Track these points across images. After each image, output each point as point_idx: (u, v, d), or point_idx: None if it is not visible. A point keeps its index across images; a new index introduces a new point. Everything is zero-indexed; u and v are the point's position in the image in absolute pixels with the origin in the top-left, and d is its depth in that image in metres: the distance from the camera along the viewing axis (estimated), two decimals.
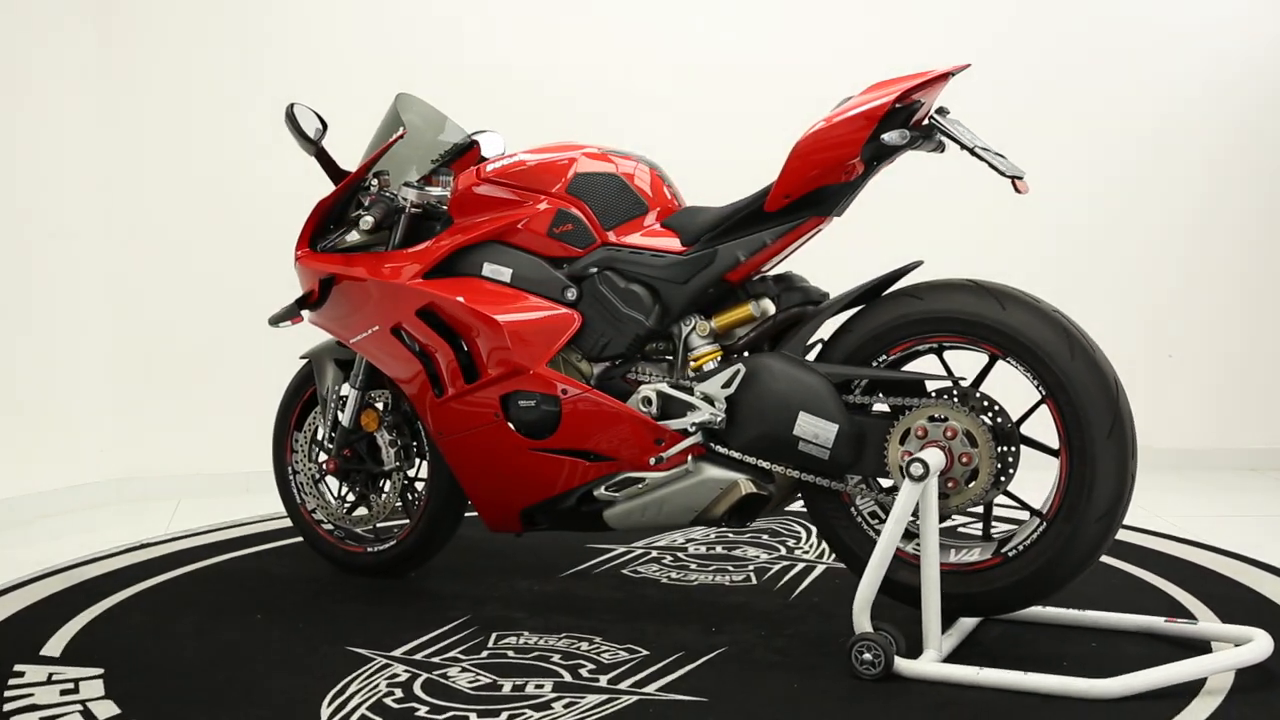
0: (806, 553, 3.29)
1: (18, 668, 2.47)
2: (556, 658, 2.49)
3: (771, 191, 2.52)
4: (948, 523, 3.20)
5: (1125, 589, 2.88)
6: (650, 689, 2.30)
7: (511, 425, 2.73)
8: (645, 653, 2.50)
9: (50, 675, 2.42)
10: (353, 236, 2.95)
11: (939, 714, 2.15)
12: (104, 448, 4.36)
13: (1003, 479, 2.41)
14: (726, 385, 2.54)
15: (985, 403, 2.43)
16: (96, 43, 4.28)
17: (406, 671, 2.42)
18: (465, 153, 3.08)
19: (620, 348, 2.69)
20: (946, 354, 2.53)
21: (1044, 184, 2.71)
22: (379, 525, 3.17)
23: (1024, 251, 4.40)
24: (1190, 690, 2.20)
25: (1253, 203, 4.50)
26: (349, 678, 2.38)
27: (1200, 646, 2.44)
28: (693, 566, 3.18)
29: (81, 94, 4.26)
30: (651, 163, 2.81)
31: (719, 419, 2.55)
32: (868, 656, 2.31)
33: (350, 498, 3.15)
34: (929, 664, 2.31)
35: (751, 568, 3.15)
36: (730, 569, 3.14)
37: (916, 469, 2.31)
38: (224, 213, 4.40)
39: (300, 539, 3.36)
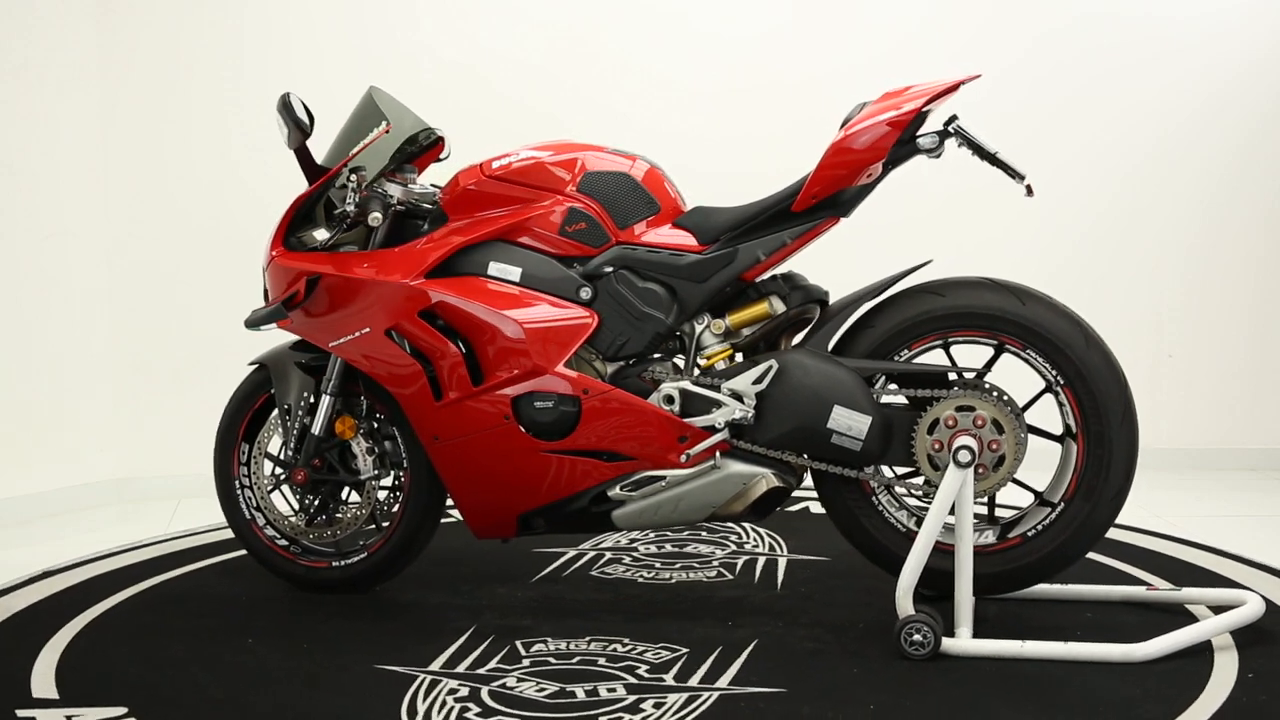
0: (758, 547, 3.36)
1: (21, 713, 2.21)
2: (602, 661, 2.45)
3: (802, 192, 2.58)
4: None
5: (1099, 571, 3.03)
6: (721, 683, 2.31)
7: (523, 427, 2.67)
8: (685, 650, 2.50)
9: (69, 718, 2.18)
10: (337, 235, 2.80)
11: (1007, 685, 2.27)
12: (104, 448, 4.31)
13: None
14: (758, 381, 2.58)
15: (996, 393, 2.58)
16: (95, 43, 4.20)
17: (463, 685, 2.32)
18: (431, 149, 2.98)
19: (638, 346, 2.68)
20: (944, 349, 2.68)
21: (1045, 186, 2.81)
22: (342, 538, 3.00)
23: (1023, 253, 4.42)
24: (1206, 649, 2.42)
25: (1254, 210, 4.55)
26: (408, 695, 2.27)
27: (1185, 610, 2.68)
28: (658, 565, 3.19)
29: (80, 94, 4.20)
30: (653, 162, 2.81)
31: (749, 415, 2.59)
32: (918, 638, 2.41)
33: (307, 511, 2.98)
34: (973, 641, 2.44)
35: (718, 563, 3.20)
36: (697, 565, 3.18)
37: (964, 456, 2.43)
38: (224, 212, 4.32)
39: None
